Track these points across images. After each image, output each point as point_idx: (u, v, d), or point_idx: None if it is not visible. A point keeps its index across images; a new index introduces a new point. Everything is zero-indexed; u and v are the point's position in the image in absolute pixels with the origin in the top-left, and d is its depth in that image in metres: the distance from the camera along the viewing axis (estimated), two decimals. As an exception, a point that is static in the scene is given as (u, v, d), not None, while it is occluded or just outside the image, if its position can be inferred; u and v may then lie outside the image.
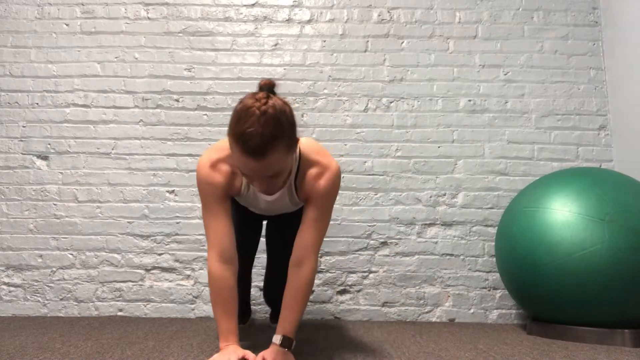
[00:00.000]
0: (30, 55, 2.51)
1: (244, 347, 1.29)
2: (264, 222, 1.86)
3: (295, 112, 1.24)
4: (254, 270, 2.14)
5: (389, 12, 2.55)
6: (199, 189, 1.37)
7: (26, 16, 2.53)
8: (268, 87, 1.20)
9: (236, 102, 2.46)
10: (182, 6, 2.55)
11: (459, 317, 2.31)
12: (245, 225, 1.70)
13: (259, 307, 2.30)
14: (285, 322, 1.30)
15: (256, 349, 1.34)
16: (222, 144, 1.38)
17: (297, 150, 1.37)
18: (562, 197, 1.73)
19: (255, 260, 2.16)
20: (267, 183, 1.22)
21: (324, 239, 2.35)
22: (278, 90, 1.26)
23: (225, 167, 1.35)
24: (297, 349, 1.50)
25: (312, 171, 1.36)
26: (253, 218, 1.72)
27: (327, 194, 1.36)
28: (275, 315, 1.96)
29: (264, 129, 1.11)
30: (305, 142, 1.41)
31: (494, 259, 2.34)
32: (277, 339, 1.28)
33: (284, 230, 1.69)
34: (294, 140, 1.23)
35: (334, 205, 1.52)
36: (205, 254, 2.34)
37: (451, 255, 2.35)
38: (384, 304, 2.31)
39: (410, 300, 2.31)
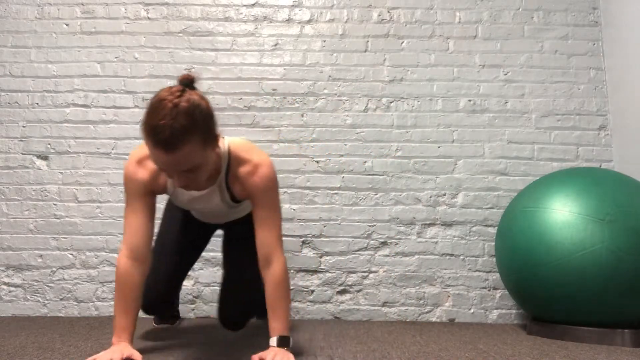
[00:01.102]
0: (30, 55, 2.51)
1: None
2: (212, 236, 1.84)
3: (289, 113, 1.24)
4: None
5: (389, 12, 2.55)
6: (123, 184, 1.37)
7: (26, 16, 2.53)
8: (186, 82, 1.20)
9: (236, 102, 2.46)
10: (182, 6, 2.55)
11: (459, 317, 2.31)
12: (188, 230, 1.69)
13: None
14: (276, 322, 1.30)
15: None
16: None
17: (226, 148, 1.38)
18: (562, 197, 1.73)
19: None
20: (185, 178, 1.20)
21: (328, 238, 2.35)
22: (278, 90, 1.26)
23: (151, 164, 1.34)
24: (297, 349, 1.50)
25: (244, 169, 1.37)
26: (199, 226, 1.71)
27: (266, 190, 1.37)
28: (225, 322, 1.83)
29: (175, 121, 1.10)
30: (235, 141, 1.42)
31: (494, 259, 2.34)
32: (273, 341, 1.29)
33: (239, 250, 1.67)
34: (211, 135, 1.22)
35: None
36: (205, 254, 2.34)
37: (451, 255, 2.35)
38: (384, 304, 2.31)
39: (410, 300, 2.31)
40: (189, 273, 2.33)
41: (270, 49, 2.52)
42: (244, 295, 1.62)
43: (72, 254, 2.35)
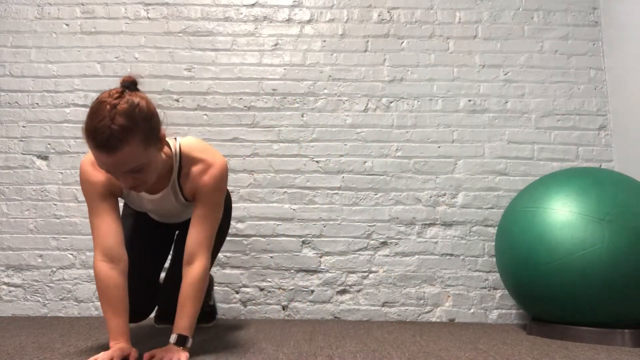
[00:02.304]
0: (30, 55, 2.51)
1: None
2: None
3: (289, 113, 1.24)
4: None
5: (389, 12, 2.55)
6: (81, 189, 1.36)
7: (26, 16, 2.53)
8: (128, 84, 1.21)
9: (236, 102, 2.46)
10: (182, 6, 2.55)
11: (459, 317, 2.31)
12: (146, 232, 1.66)
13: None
14: (180, 320, 1.29)
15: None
16: None
17: (177, 148, 1.38)
18: (562, 197, 1.73)
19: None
20: (131, 179, 1.20)
21: (328, 238, 2.34)
22: (278, 90, 1.27)
23: None
24: (297, 349, 1.50)
25: (196, 169, 1.37)
26: (158, 227, 1.70)
27: (212, 190, 1.36)
28: (160, 316, 1.88)
29: (115, 123, 1.11)
30: (188, 141, 1.42)
31: (494, 259, 2.34)
32: (172, 338, 1.28)
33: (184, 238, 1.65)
34: (153, 135, 1.22)
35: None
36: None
37: (451, 255, 2.35)
38: (384, 304, 2.31)
39: (410, 300, 2.31)
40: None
41: (270, 49, 2.52)
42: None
43: (72, 254, 2.35)
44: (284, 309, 2.31)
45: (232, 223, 2.37)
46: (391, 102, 2.47)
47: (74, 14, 2.54)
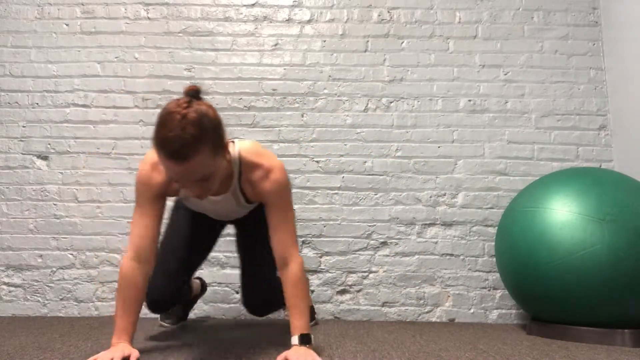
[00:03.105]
0: (30, 55, 2.51)
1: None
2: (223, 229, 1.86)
3: (289, 113, 1.25)
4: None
5: (389, 12, 2.55)
6: (136, 186, 1.38)
7: (26, 16, 2.53)
8: (192, 93, 1.21)
9: (236, 102, 2.46)
10: (182, 6, 2.55)
11: (459, 317, 2.31)
12: (197, 227, 1.70)
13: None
14: (297, 321, 1.33)
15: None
16: None
17: (236, 153, 1.40)
18: (562, 197, 1.73)
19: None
20: (198, 187, 1.21)
21: (328, 238, 2.35)
22: (278, 90, 1.28)
23: None
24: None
25: (256, 174, 1.39)
26: (208, 222, 1.73)
27: (279, 194, 1.39)
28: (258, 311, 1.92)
29: (184, 132, 1.12)
30: (245, 146, 1.43)
31: (494, 259, 2.34)
32: (295, 339, 1.31)
33: (251, 237, 1.71)
34: (220, 143, 1.23)
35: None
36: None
37: (451, 255, 2.35)
38: (384, 304, 2.31)
39: (410, 300, 2.31)
40: (189, 273, 2.33)
41: (270, 49, 2.52)
42: (261, 279, 1.65)
43: (72, 254, 2.35)
44: (284, 309, 2.30)
45: (232, 223, 2.37)
46: (391, 102, 2.47)
47: (74, 14, 2.54)
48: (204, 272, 2.33)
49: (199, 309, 2.30)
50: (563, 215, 1.69)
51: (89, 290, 2.32)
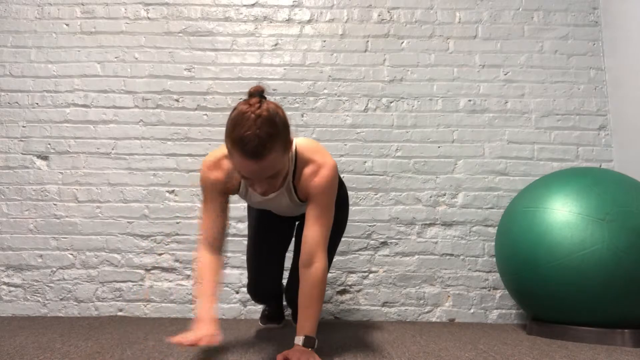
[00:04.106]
0: (30, 55, 2.51)
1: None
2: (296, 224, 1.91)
3: (289, 113, 1.27)
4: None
5: (389, 12, 2.55)
6: (200, 184, 1.44)
7: (26, 16, 2.53)
8: (259, 93, 1.24)
9: (236, 102, 2.46)
10: (182, 6, 2.55)
11: (459, 317, 2.31)
12: (268, 227, 1.76)
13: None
14: (305, 322, 1.34)
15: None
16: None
17: (293, 150, 1.41)
18: (562, 197, 1.73)
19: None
20: (267, 184, 1.26)
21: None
22: (278, 90, 1.29)
23: (226, 165, 1.41)
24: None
25: (308, 170, 1.40)
26: (276, 219, 1.78)
27: (324, 191, 1.39)
28: (296, 315, 2.00)
29: (260, 130, 1.16)
30: (302, 142, 1.44)
31: (494, 259, 2.34)
32: (299, 340, 1.31)
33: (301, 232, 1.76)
34: (289, 140, 1.27)
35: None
36: (205, 254, 2.34)
37: (451, 255, 2.35)
38: (384, 304, 2.31)
39: (410, 300, 2.31)
40: (189, 273, 2.33)
41: (270, 49, 2.52)
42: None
43: (72, 254, 2.35)
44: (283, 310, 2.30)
45: (232, 223, 2.37)
46: (391, 102, 2.47)
47: (74, 14, 2.54)
48: (204, 272, 2.33)
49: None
50: (563, 215, 1.68)
51: (89, 290, 2.32)
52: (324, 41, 2.52)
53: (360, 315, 2.30)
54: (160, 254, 2.34)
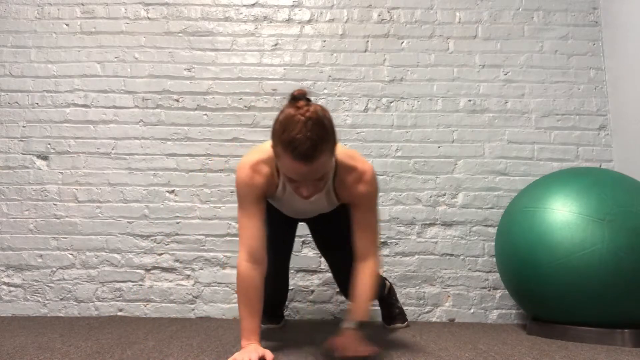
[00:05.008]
0: (30, 55, 2.51)
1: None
2: (299, 224, 1.89)
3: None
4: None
5: (389, 12, 2.55)
6: (237, 189, 1.41)
7: (26, 16, 2.53)
8: (303, 95, 1.25)
9: (236, 102, 2.46)
10: (182, 6, 2.55)
11: (459, 317, 2.31)
12: (280, 226, 1.74)
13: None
14: (357, 308, 1.37)
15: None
16: (263, 146, 1.44)
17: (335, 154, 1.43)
18: (562, 197, 1.73)
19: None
20: (313, 187, 1.27)
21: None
22: (278, 90, 1.29)
23: (265, 169, 1.40)
24: (296, 349, 1.50)
25: (351, 177, 1.42)
26: (287, 219, 1.76)
27: (370, 197, 1.43)
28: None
29: (312, 133, 1.17)
30: (339, 148, 1.46)
31: (494, 259, 2.34)
32: (348, 323, 1.34)
33: (332, 229, 1.75)
34: (336, 142, 1.28)
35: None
36: (205, 254, 2.34)
37: (451, 255, 2.35)
38: (384, 304, 2.31)
39: (410, 300, 2.31)
40: (189, 273, 2.33)
41: (270, 49, 2.52)
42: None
43: (72, 254, 2.35)
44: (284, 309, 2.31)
45: (232, 223, 2.37)
46: (391, 102, 2.47)
47: (74, 14, 2.54)
48: (203, 272, 2.33)
49: (198, 309, 2.30)
50: (563, 215, 1.68)
51: (89, 290, 2.32)
52: (324, 41, 2.52)
53: (360, 315, 2.30)
54: (160, 254, 2.34)
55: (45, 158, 2.43)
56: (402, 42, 2.53)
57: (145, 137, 2.44)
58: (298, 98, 1.23)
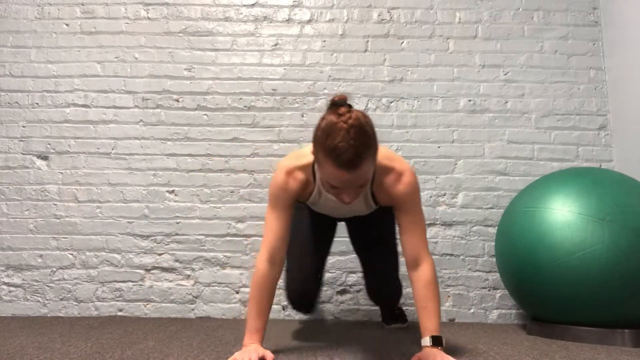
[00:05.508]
0: (30, 55, 2.51)
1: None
2: (339, 224, 1.90)
3: (289, 113, 1.26)
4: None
5: (389, 12, 2.55)
6: (270, 191, 1.42)
7: (26, 16, 2.53)
8: (344, 101, 1.24)
9: (236, 102, 2.46)
10: (182, 6, 2.55)
11: (459, 317, 2.31)
12: (319, 226, 1.75)
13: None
14: (428, 322, 1.32)
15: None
16: (301, 152, 1.45)
17: None
18: (562, 197, 1.73)
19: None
20: (354, 193, 1.26)
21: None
22: (278, 90, 1.29)
23: (300, 175, 1.42)
24: (297, 349, 1.50)
25: (390, 178, 1.41)
26: (327, 219, 1.77)
27: (412, 196, 1.41)
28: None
29: (355, 141, 1.16)
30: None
31: (494, 259, 2.34)
32: (426, 341, 1.29)
33: (366, 230, 1.77)
34: (377, 149, 1.28)
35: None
36: (205, 254, 2.34)
37: (451, 255, 2.35)
38: (384, 304, 2.31)
39: (410, 300, 2.31)
40: (189, 273, 2.33)
41: (270, 49, 2.52)
42: (387, 276, 1.75)
43: (72, 254, 2.35)
44: (283, 309, 2.31)
45: (232, 223, 2.37)
46: (391, 102, 2.47)
47: (74, 14, 2.54)
48: (203, 272, 2.33)
49: (199, 309, 2.30)
50: (563, 215, 1.68)
51: (89, 290, 2.32)
52: (324, 41, 2.52)
53: (360, 315, 2.30)
54: (160, 254, 2.34)
55: (45, 158, 2.43)
56: (402, 42, 2.53)
57: (145, 137, 2.44)
58: (339, 104, 1.23)
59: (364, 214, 1.62)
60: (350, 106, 1.24)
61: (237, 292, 2.32)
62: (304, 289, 1.69)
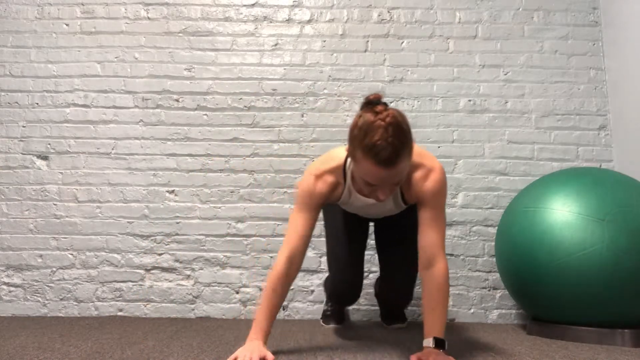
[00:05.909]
0: (30, 55, 2.51)
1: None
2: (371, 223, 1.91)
3: (289, 113, 1.26)
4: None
5: (389, 12, 2.55)
6: (299, 192, 1.44)
7: (26, 16, 2.53)
8: (378, 101, 1.25)
9: (236, 102, 2.46)
10: (182, 6, 2.55)
11: (459, 317, 2.31)
12: (352, 226, 1.76)
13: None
14: (433, 324, 1.31)
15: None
16: (331, 155, 1.47)
17: None
18: (562, 197, 1.73)
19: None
20: (389, 190, 1.27)
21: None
22: (278, 90, 1.29)
23: (330, 179, 1.44)
24: (297, 349, 1.50)
25: (418, 174, 1.41)
26: (359, 218, 1.78)
27: (437, 194, 1.40)
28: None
29: (393, 139, 1.18)
30: None
31: (494, 259, 2.34)
32: (429, 341, 1.29)
33: (393, 233, 1.78)
34: (413, 146, 1.28)
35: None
36: (205, 254, 2.34)
37: (451, 255, 2.35)
38: (384, 304, 2.31)
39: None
40: (189, 273, 2.33)
41: (270, 49, 2.52)
42: (406, 279, 1.74)
43: (72, 254, 2.35)
44: (283, 309, 2.31)
45: (232, 223, 2.37)
46: (391, 102, 2.47)
47: (74, 14, 2.54)
48: (203, 272, 2.33)
49: (199, 309, 2.30)
50: (563, 215, 1.68)
51: (89, 290, 2.32)
52: (324, 41, 2.52)
53: (360, 315, 2.30)
54: (160, 254, 2.34)
55: (45, 158, 2.43)
56: (402, 42, 2.53)
57: (145, 137, 2.44)
58: (375, 103, 1.24)
59: (392, 213, 1.62)
60: (385, 104, 1.25)
61: (237, 292, 2.32)
62: (349, 279, 1.71)
